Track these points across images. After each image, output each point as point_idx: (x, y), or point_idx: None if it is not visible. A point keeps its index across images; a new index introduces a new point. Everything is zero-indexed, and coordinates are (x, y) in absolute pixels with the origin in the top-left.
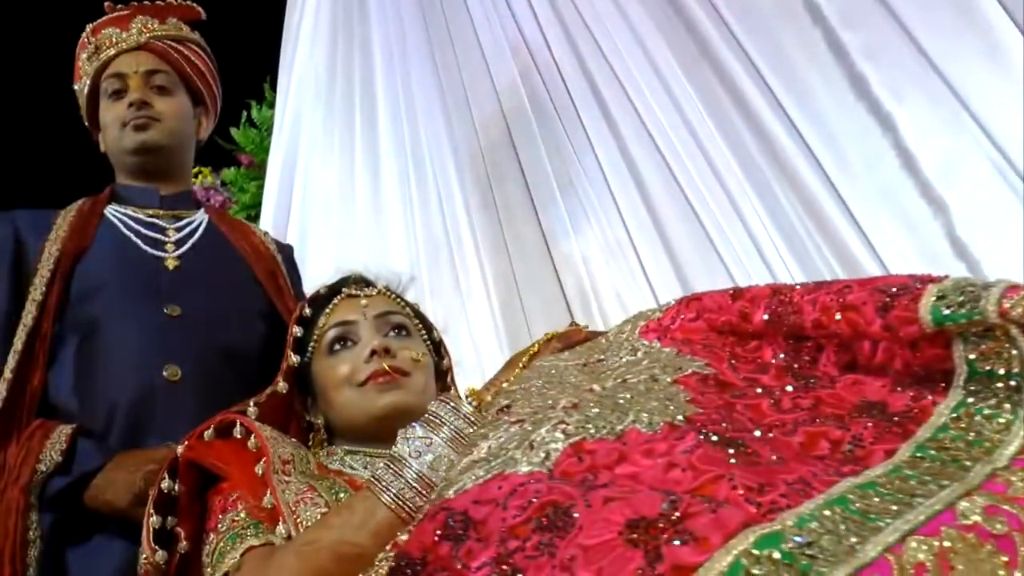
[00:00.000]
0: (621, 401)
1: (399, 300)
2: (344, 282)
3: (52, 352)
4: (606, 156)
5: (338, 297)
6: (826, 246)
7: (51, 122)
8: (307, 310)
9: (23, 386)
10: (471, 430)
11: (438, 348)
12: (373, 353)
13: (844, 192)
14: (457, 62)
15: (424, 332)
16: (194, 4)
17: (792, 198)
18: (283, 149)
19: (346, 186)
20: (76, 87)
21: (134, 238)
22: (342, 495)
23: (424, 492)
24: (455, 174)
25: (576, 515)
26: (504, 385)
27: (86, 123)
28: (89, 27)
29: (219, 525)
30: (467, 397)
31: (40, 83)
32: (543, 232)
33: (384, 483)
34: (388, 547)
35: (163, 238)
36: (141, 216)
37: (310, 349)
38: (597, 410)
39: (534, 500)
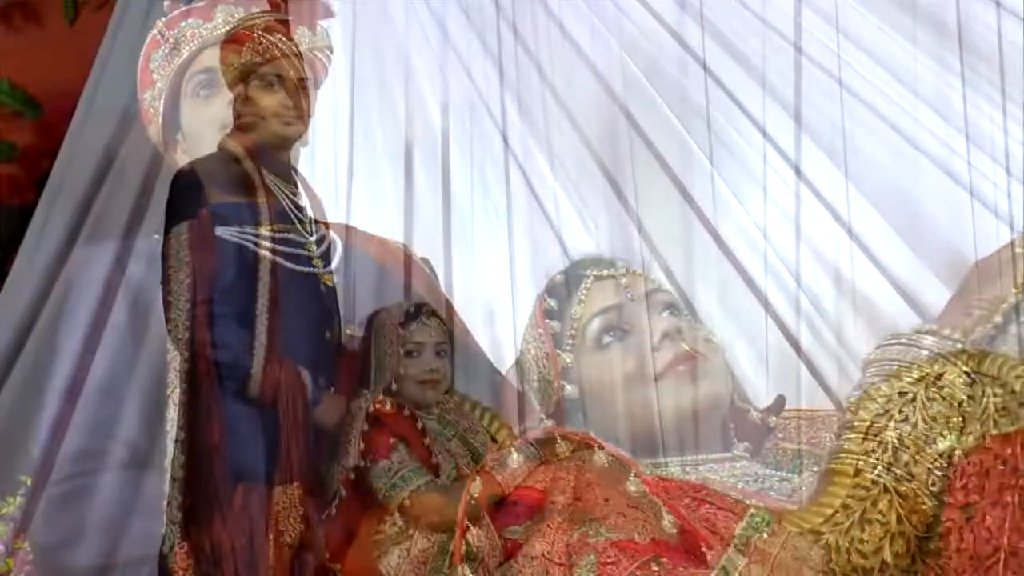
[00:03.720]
0: None
1: (649, 278)
2: (581, 264)
3: None
4: (764, 113)
5: (587, 281)
6: None
7: None
8: (551, 301)
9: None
10: None
11: None
12: (664, 336)
13: None
14: (534, 59)
15: (687, 312)
16: None
17: None
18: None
19: (411, 226)
20: (147, 95)
21: (271, 256)
22: None
23: None
24: (555, 181)
25: None
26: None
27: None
28: (160, 22)
29: None
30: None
31: None
32: (698, 213)
33: None
34: None
35: (306, 253)
36: (264, 232)
37: (567, 346)
38: None
39: None
